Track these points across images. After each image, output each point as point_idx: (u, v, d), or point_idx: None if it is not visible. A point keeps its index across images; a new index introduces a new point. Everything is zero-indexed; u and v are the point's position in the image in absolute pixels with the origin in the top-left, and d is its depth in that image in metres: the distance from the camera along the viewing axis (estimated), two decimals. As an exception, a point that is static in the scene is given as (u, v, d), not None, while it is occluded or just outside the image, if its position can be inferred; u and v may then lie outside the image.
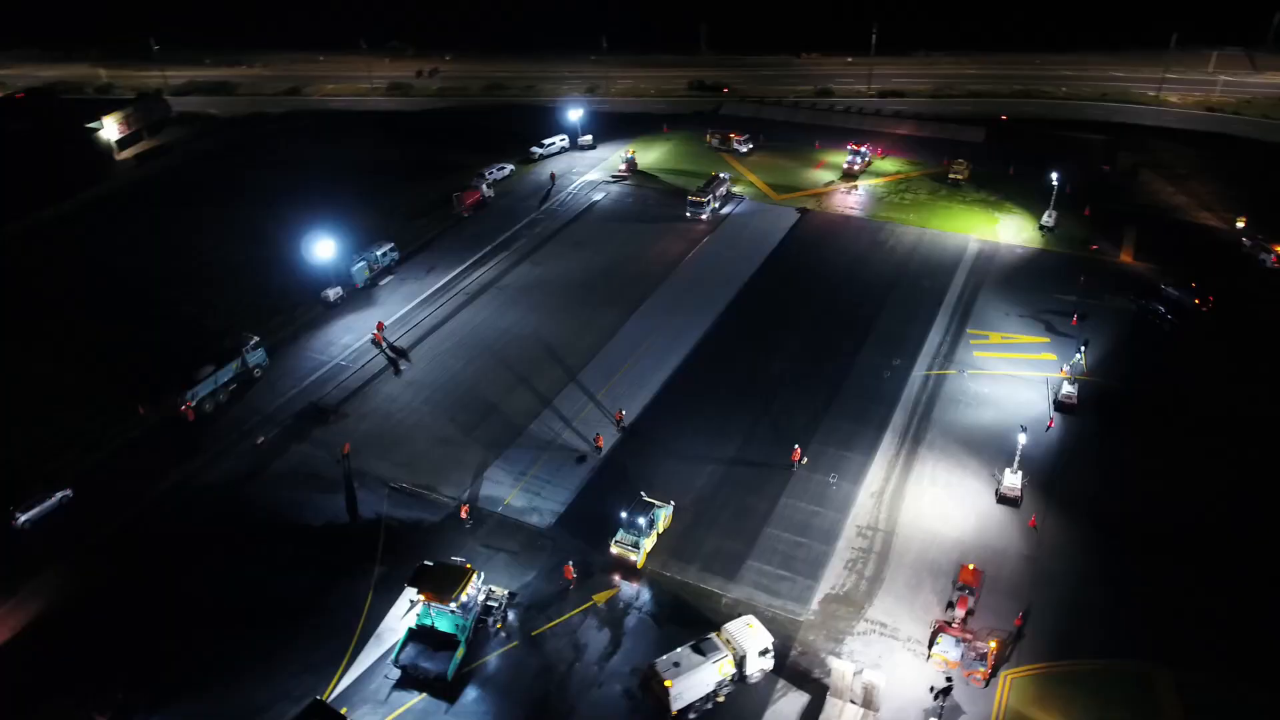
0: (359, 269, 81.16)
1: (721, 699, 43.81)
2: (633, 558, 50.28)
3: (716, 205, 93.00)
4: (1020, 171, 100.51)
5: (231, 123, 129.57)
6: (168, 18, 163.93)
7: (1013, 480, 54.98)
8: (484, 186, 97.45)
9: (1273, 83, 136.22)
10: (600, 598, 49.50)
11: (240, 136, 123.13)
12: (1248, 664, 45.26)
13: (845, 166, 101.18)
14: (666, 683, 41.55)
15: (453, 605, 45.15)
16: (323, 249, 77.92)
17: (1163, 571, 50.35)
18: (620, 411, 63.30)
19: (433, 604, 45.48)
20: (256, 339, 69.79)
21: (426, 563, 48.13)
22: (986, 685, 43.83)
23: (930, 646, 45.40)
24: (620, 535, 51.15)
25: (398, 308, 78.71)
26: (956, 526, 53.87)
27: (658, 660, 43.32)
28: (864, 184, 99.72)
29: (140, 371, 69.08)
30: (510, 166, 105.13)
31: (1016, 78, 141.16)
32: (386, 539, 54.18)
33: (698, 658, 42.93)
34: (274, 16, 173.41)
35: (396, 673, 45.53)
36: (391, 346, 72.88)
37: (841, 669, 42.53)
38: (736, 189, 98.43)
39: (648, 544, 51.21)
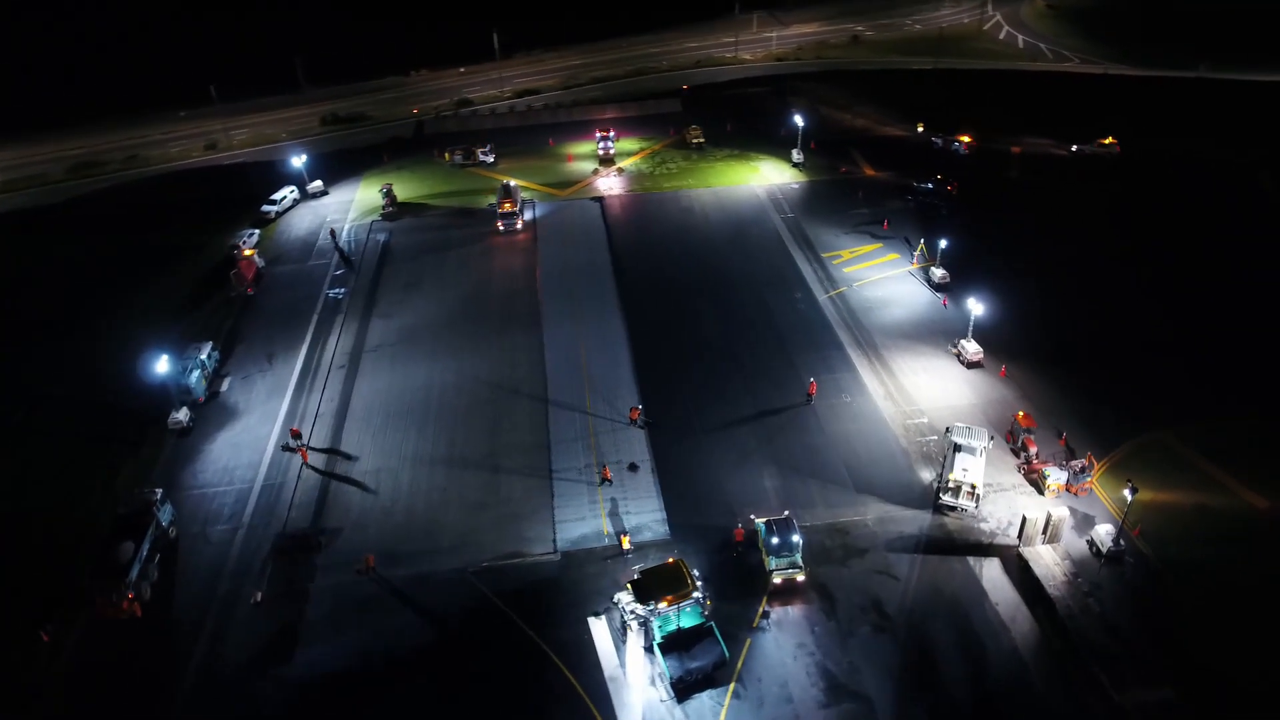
0: (196, 379, 66.11)
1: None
2: (800, 577, 48.80)
3: (521, 213, 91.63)
4: (734, 127, 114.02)
5: None
6: None
7: (974, 347, 65.85)
8: (257, 256, 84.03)
9: (803, 33, 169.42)
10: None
11: None
12: (1220, 407, 60.83)
13: (600, 153, 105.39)
14: (974, 484, 52.10)
15: (696, 594, 44.50)
16: (159, 366, 62.02)
17: (1123, 369, 64.95)
18: (635, 409, 61.95)
19: (680, 604, 44.16)
20: (160, 491, 54.55)
21: (634, 579, 46.15)
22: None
23: (1039, 483, 54.16)
24: (774, 563, 48.78)
25: (275, 408, 66.06)
26: (962, 396, 63.30)
27: (947, 480, 53.11)
28: (624, 165, 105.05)
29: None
30: (257, 231, 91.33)
31: (621, 60, 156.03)
32: (516, 613, 47.97)
33: (970, 456, 53.13)
34: None
35: (669, 695, 42.90)
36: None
37: (1032, 517, 49.22)
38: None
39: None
